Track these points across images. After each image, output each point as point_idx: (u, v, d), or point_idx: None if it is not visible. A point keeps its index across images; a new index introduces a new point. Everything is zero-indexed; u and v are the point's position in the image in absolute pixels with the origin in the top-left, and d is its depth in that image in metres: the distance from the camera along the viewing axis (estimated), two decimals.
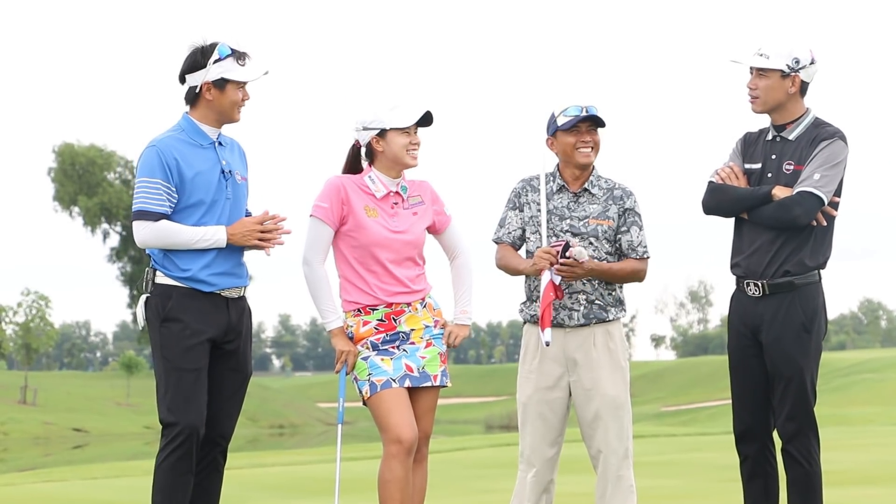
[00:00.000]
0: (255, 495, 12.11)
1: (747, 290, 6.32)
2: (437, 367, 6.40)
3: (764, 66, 6.24)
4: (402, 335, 6.36)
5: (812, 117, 6.32)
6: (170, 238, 6.01)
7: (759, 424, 6.35)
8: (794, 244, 6.22)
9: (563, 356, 6.46)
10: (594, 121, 6.43)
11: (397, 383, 6.29)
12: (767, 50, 6.25)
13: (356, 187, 6.40)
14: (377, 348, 6.35)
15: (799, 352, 6.21)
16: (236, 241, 6.10)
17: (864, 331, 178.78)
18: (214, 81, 6.07)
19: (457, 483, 12.42)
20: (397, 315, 6.36)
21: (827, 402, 57.10)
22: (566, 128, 6.44)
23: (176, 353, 6.02)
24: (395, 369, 6.31)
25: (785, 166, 6.27)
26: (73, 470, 20.61)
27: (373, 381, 6.29)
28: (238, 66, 6.07)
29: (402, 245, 6.36)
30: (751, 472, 6.40)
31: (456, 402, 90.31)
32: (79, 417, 68.05)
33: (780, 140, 6.32)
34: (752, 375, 6.33)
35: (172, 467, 5.98)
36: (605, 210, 6.50)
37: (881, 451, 15.64)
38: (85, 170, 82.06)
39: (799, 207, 6.13)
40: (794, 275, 6.22)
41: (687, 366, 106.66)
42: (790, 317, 6.21)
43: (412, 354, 6.35)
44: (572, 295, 6.44)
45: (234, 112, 6.13)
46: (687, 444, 18.86)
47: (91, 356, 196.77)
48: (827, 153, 6.19)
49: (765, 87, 6.26)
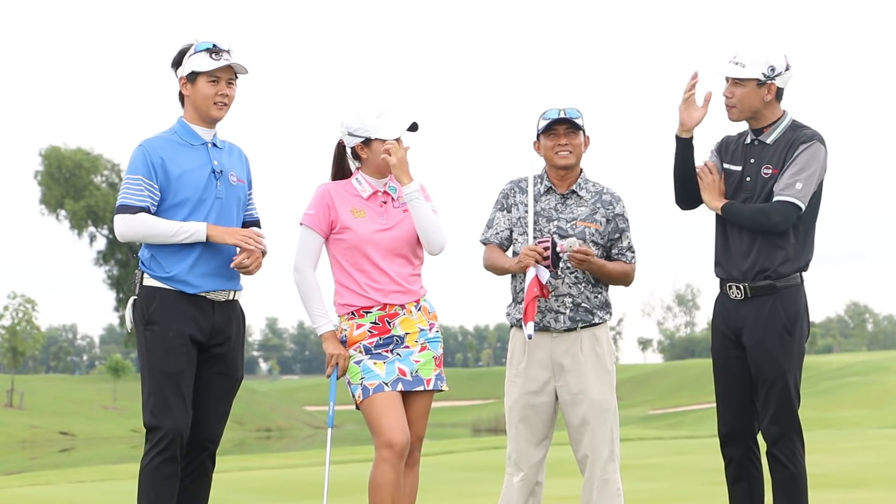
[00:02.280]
0: (243, 499, 12.09)
1: (730, 292, 6.34)
2: (430, 371, 6.38)
3: (739, 76, 6.25)
4: (397, 339, 6.34)
5: (789, 120, 6.35)
6: (147, 230, 6.01)
7: (743, 427, 6.37)
8: (775, 247, 6.24)
9: (549, 361, 6.47)
10: (570, 123, 6.45)
11: (390, 387, 6.28)
12: (743, 58, 6.25)
13: (343, 191, 6.41)
14: (370, 352, 6.34)
15: (782, 354, 6.23)
16: (218, 237, 6.06)
17: (851, 334, 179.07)
18: (187, 76, 6.10)
19: (444, 486, 12.41)
20: (391, 318, 6.34)
21: (813, 405, 57.20)
22: (543, 131, 6.49)
23: (158, 355, 6.02)
24: (388, 373, 6.30)
25: (763, 170, 6.29)
26: (60, 473, 20.55)
27: (365, 384, 6.28)
28: (209, 59, 6.07)
29: (391, 241, 6.34)
30: (735, 475, 6.42)
31: (443, 406, 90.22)
32: (65, 421, 67.86)
33: (758, 144, 6.35)
34: (736, 378, 6.35)
35: (157, 470, 5.97)
36: (594, 213, 6.52)
37: (867, 454, 15.68)
38: (72, 173, 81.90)
39: (778, 215, 6.17)
40: (775, 278, 6.24)
41: (674, 369, 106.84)
42: (772, 319, 6.23)
43: (406, 358, 6.34)
44: (558, 298, 6.46)
45: (209, 107, 6.10)
46: (674, 448, 18.89)
47: (78, 359, 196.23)
48: (806, 157, 6.21)
49: (741, 95, 6.28)
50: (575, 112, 6.46)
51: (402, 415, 6.26)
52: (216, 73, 6.08)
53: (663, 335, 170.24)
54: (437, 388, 6.39)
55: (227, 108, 6.16)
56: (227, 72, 6.12)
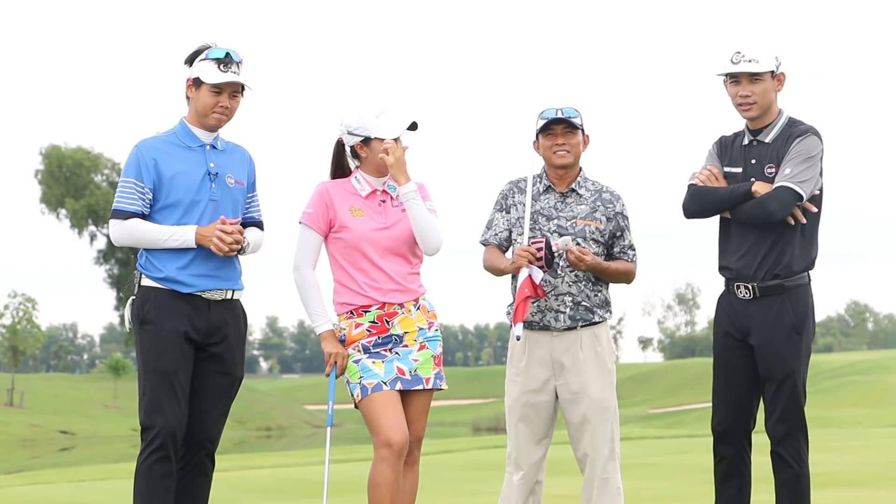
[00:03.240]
0: (243, 497, 12.08)
1: (737, 292, 6.33)
2: (429, 369, 6.36)
3: (757, 71, 6.24)
4: (395, 338, 6.33)
5: (786, 118, 6.35)
6: (139, 236, 6.03)
7: (739, 425, 6.37)
8: (782, 246, 6.23)
9: (549, 360, 6.46)
10: (567, 123, 6.45)
11: (388, 386, 6.27)
12: (752, 54, 6.25)
13: (342, 190, 6.40)
14: (369, 351, 6.33)
15: (791, 354, 6.23)
16: (201, 241, 6.04)
17: (851, 333, 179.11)
18: (194, 79, 6.09)
19: (445, 485, 12.40)
20: (390, 317, 6.33)
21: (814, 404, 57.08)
22: (541, 130, 6.49)
23: (152, 355, 6.01)
24: (387, 372, 6.29)
25: (767, 170, 6.28)
26: (60, 472, 20.55)
27: (364, 384, 6.26)
28: (216, 70, 6.03)
29: (388, 240, 6.33)
30: (726, 473, 6.41)
31: (444, 405, 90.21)
32: (65, 420, 67.89)
33: (757, 144, 6.34)
34: (738, 377, 6.34)
35: (152, 470, 5.96)
36: (593, 211, 6.51)
37: (868, 452, 15.68)
38: (72, 172, 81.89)
39: (774, 202, 6.14)
40: (783, 277, 6.23)
41: (674, 368, 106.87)
42: (781, 319, 6.22)
43: (405, 357, 6.32)
44: (558, 297, 6.45)
45: (207, 116, 6.08)
46: (674, 447, 18.89)
47: (78, 358, 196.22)
48: (800, 148, 6.21)
49: (761, 91, 6.26)
50: (572, 111, 6.46)
51: (401, 414, 6.24)
52: (220, 85, 6.05)
53: (664, 334, 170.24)
54: (436, 387, 6.38)
55: (226, 118, 6.12)
56: (231, 84, 6.07)
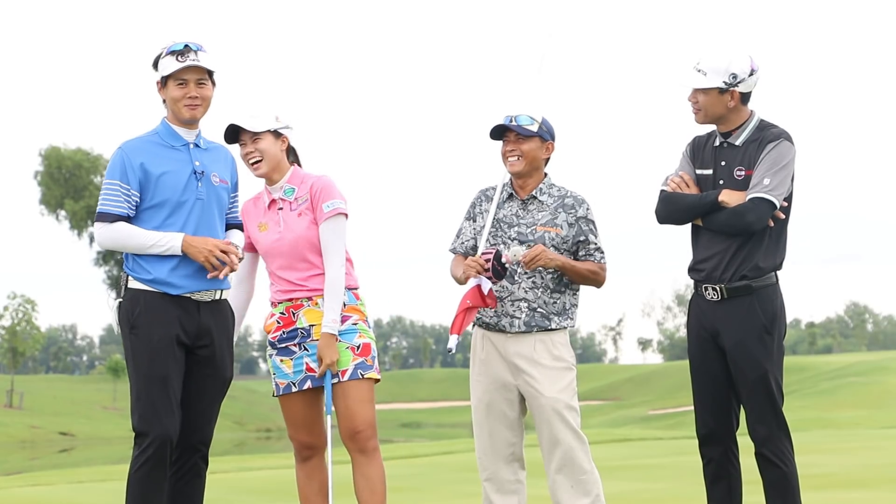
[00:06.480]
0: (242, 499, 12.09)
1: (706, 294, 6.33)
2: (347, 361, 6.34)
3: (700, 87, 6.24)
4: (302, 331, 6.38)
5: (756, 120, 6.34)
6: (124, 240, 5.98)
7: (722, 427, 6.37)
8: (749, 248, 6.23)
9: (505, 361, 6.47)
10: (514, 130, 6.46)
11: (297, 387, 6.40)
12: (705, 66, 6.23)
13: (254, 206, 6.52)
14: (276, 347, 6.44)
15: (762, 354, 6.22)
16: (190, 253, 5.98)
17: (851, 334, 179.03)
18: (161, 79, 6.09)
19: (444, 486, 12.41)
20: (297, 309, 6.39)
21: (813, 405, 57.26)
22: (494, 137, 6.52)
23: (143, 359, 5.96)
24: (296, 372, 6.40)
25: (736, 172, 6.28)
26: (60, 474, 20.57)
27: (276, 382, 6.50)
28: (175, 62, 6.02)
29: (286, 250, 6.39)
30: (714, 475, 6.42)
31: (442, 406, 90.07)
32: (65, 421, 67.95)
33: (727, 146, 6.34)
34: (714, 379, 6.34)
35: (146, 476, 5.91)
36: (554, 218, 6.53)
37: (867, 454, 15.67)
38: (71, 173, 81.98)
39: (752, 214, 6.15)
40: (751, 278, 6.23)
41: (674, 369, 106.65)
42: (750, 320, 6.22)
43: (314, 353, 6.36)
44: (514, 303, 6.48)
45: (180, 109, 6.05)
46: (674, 448, 18.87)
47: (77, 360, 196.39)
48: (774, 155, 6.20)
49: (704, 102, 6.28)
50: (526, 119, 6.48)
51: (307, 415, 6.45)
52: (182, 75, 6.01)
53: (663, 335, 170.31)
54: (356, 377, 6.33)
55: (200, 108, 6.07)
56: (195, 72, 6.03)
